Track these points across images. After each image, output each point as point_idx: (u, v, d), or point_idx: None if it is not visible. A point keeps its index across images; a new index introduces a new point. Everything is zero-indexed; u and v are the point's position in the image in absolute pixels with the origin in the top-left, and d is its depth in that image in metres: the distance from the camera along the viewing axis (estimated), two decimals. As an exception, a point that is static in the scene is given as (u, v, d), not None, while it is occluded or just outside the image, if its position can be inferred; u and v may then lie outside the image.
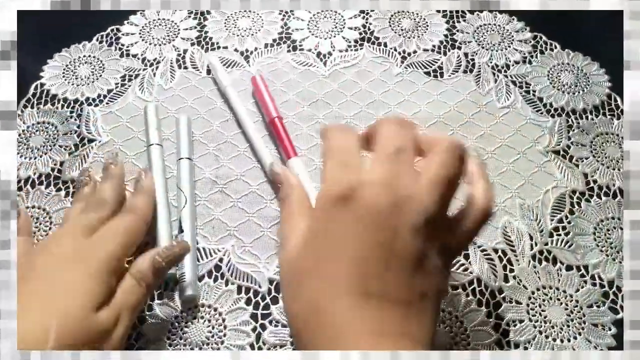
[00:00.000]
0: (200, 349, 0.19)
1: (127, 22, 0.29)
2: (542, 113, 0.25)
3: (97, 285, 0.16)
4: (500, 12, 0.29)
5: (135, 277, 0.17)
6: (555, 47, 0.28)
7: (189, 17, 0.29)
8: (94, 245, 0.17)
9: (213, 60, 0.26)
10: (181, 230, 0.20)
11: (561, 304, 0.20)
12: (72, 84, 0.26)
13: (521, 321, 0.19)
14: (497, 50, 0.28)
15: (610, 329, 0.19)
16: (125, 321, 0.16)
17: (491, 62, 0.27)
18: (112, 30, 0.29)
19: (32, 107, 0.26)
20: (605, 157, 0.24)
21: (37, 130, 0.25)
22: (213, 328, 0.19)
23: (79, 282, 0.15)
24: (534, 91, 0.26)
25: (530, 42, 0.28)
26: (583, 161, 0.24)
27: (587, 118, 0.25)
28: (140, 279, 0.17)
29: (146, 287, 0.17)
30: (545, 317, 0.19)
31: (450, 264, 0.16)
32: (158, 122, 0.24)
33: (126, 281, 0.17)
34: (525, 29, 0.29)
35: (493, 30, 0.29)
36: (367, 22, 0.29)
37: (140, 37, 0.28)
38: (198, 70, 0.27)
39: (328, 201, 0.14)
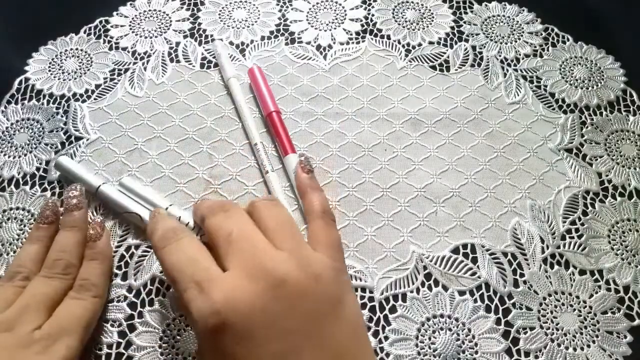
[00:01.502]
0: (194, 358, 0.18)
1: (117, 14, 0.28)
2: (553, 109, 0.24)
3: None
4: (510, 2, 0.28)
5: None
6: (568, 40, 0.27)
7: (182, 7, 0.28)
8: (55, 338, 0.15)
9: (219, 47, 0.25)
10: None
11: (574, 310, 0.19)
12: (59, 79, 0.25)
13: (532, 328, 0.19)
14: (506, 43, 0.27)
15: (625, 337, 0.18)
16: None
17: (500, 56, 0.26)
18: (100, 21, 0.27)
19: (16, 103, 0.24)
20: (621, 156, 0.23)
21: (21, 128, 0.24)
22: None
23: None
24: (546, 86, 0.25)
25: (542, 34, 0.27)
26: (597, 160, 0.23)
27: (601, 114, 0.24)
28: None
29: None
30: (557, 324, 0.19)
31: (337, 266, 0.15)
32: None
33: None
34: (536, 21, 0.28)
35: (502, 22, 0.27)
36: (369, 14, 0.28)
37: (130, 29, 0.27)
38: (191, 63, 0.26)
39: (207, 340, 0.13)
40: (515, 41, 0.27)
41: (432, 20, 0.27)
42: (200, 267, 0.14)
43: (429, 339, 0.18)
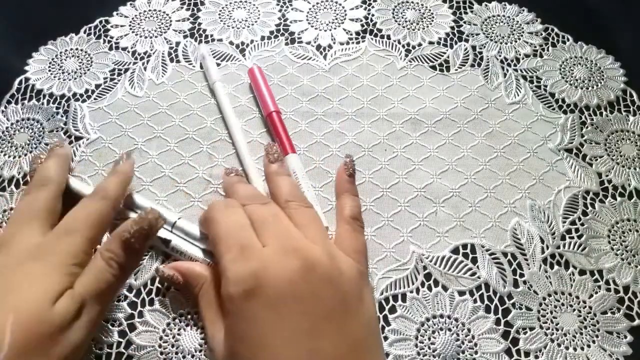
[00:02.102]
0: (193, 357, 0.18)
1: (117, 13, 0.28)
2: (553, 109, 0.24)
3: (59, 278, 0.14)
4: (510, 2, 0.28)
5: (104, 257, 0.15)
6: (568, 40, 0.27)
7: (182, 7, 0.28)
8: (57, 239, 0.15)
9: (204, 51, 0.25)
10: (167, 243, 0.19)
11: (574, 310, 0.19)
12: (59, 79, 0.25)
13: (532, 328, 0.19)
14: (506, 43, 0.27)
15: (625, 337, 0.18)
16: (91, 310, 0.14)
17: (500, 56, 0.26)
18: (100, 21, 0.27)
19: (16, 103, 0.24)
20: (621, 156, 0.23)
21: (21, 128, 0.24)
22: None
23: (38, 278, 0.14)
24: (546, 86, 0.25)
25: (542, 34, 0.27)
26: (597, 160, 0.23)
27: (601, 114, 0.24)
28: (110, 259, 0.15)
29: (118, 268, 0.15)
30: (557, 324, 0.19)
31: (360, 264, 0.16)
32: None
33: (94, 263, 0.15)
34: (536, 21, 0.28)
35: (502, 22, 0.27)
36: (369, 14, 0.28)
37: (131, 29, 0.27)
38: (191, 64, 0.26)
39: (237, 301, 0.13)
40: (515, 41, 0.27)
41: (432, 20, 0.27)
42: (247, 235, 0.15)
43: (429, 339, 0.18)
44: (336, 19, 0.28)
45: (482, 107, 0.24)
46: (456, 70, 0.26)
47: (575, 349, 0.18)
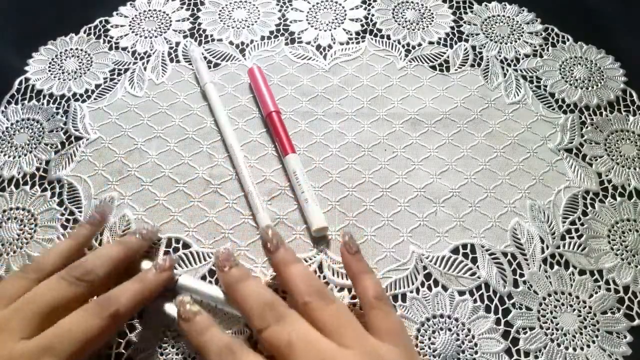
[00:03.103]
0: (194, 358, 0.18)
1: (117, 13, 0.28)
2: (553, 109, 0.24)
3: None
4: (510, 2, 0.28)
5: None
6: (568, 40, 0.27)
7: (182, 7, 0.28)
8: (34, 357, 0.13)
9: (196, 53, 0.25)
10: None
11: (574, 310, 0.19)
12: (59, 79, 0.25)
13: (532, 328, 0.19)
14: (506, 43, 0.27)
15: (625, 337, 0.18)
16: None
17: (500, 56, 0.26)
18: (100, 21, 0.27)
19: (16, 103, 0.24)
20: (621, 156, 0.23)
21: (21, 128, 0.24)
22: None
23: None
24: (545, 86, 0.25)
25: (541, 34, 0.27)
26: (597, 160, 0.23)
27: (601, 114, 0.24)
28: None
29: None
30: (557, 324, 0.19)
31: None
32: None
33: None
34: (536, 21, 0.28)
35: (502, 22, 0.28)
36: (369, 14, 0.28)
37: (130, 29, 0.27)
38: (191, 64, 0.26)
39: None
40: (515, 41, 0.27)
41: (432, 20, 0.27)
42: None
43: (429, 339, 0.18)
44: (336, 19, 0.28)
45: (482, 107, 0.24)
46: (456, 70, 0.26)
47: (575, 349, 0.18)
